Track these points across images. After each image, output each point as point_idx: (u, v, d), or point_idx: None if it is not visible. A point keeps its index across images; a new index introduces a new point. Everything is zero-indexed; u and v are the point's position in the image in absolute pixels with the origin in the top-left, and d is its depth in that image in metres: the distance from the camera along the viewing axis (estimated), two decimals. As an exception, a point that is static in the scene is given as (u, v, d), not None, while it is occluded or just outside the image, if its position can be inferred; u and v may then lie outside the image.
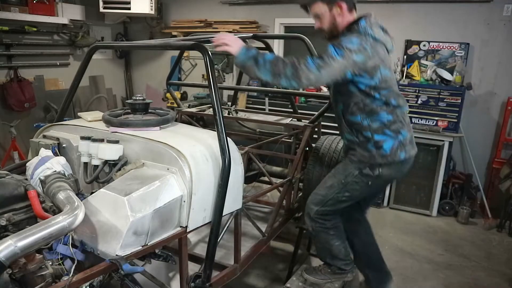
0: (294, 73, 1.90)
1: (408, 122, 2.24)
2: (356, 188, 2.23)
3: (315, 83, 1.98)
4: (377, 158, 2.14)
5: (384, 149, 2.12)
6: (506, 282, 3.35)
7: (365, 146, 2.16)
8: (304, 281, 2.51)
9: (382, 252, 3.73)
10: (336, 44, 1.96)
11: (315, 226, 2.36)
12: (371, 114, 2.11)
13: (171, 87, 3.93)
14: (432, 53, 4.77)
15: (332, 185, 2.28)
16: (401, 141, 2.15)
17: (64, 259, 1.56)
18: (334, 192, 2.26)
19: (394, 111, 2.13)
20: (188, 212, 1.85)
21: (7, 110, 4.84)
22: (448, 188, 4.67)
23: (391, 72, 2.18)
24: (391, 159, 2.13)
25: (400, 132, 2.15)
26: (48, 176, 1.72)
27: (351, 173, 2.21)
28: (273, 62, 1.92)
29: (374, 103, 2.10)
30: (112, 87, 6.57)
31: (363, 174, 2.18)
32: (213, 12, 5.92)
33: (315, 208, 2.32)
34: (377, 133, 2.12)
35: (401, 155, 2.14)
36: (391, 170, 2.19)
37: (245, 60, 1.95)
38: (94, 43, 3.14)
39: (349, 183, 2.22)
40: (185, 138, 2.07)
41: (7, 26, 4.71)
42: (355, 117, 2.14)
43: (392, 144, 2.13)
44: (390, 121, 2.12)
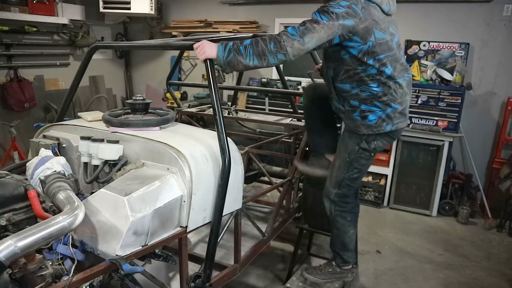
0: (277, 46, 1.85)
1: (402, 93, 2.14)
2: (363, 163, 2.26)
3: (301, 50, 1.89)
4: (362, 128, 2.15)
5: (369, 119, 2.12)
6: (506, 282, 3.35)
7: (351, 116, 2.16)
8: (304, 281, 2.51)
9: (382, 252, 3.74)
10: (321, 9, 1.92)
11: (334, 209, 2.38)
12: (361, 83, 2.08)
13: (171, 87, 3.93)
14: (432, 53, 4.77)
15: (340, 166, 2.30)
16: (389, 114, 2.12)
17: (64, 259, 1.56)
18: (344, 172, 2.28)
19: (387, 83, 2.08)
20: (188, 212, 1.85)
21: (7, 110, 4.84)
22: (448, 188, 4.67)
23: (390, 35, 2.08)
24: (376, 130, 2.14)
25: (390, 105, 2.11)
26: (48, 176, 1.72)
27: (352, 150, 2.23)
28: (253, 44, 1.87)
29: (366, 72, 2.04)
30: (112, 87, 6.57)
31: (362, 148, 2.21)
32: (213, 12, 5.92)
33: (334, 190, 2.34)
34: (365, 103, 2.11)
35: (387, 127, 2.14)
36: (384, 140, 2.22)
37: (226, 56, 1.88)
38: (94, 43, 3.14)
39: (354, 159, 2.24)
40: (185, 138, 2.07)
41: (7, 26, 4.71)
42: (345, 85, 2.12)
43: (378, 116, 2.11)
44: (380, 93, 2.08)
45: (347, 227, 2.43)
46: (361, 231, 3.92)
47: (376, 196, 4.78)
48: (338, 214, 2.40)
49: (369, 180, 4.88)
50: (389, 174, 4.75)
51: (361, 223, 4.15)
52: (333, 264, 2.55)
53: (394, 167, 4.71)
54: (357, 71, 2.06)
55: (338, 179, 2.31)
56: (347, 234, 2.44)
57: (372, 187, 4.82)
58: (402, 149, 4.63)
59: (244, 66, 1.91)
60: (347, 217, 2.41)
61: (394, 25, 2.16)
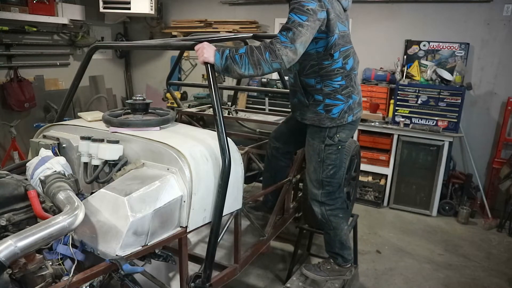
0: (272, 55, 1.86)
1: (358, 84, 2.32)
2: (333, 157, 2.34)
3: (294, 58, 1.92)
4: (326, 121, 2.24)
5: (332, 112, 2.22)
6: (506, 282, 3.35)
7: (315, 109, 2.25)
8: (304, 281, 2.51)
9: (382, 252, 3.74)
10: (296, 8, 1.92)
11: (325, 210, 2.43)
12: (326, 78, 2.16)
13: (171, 87, 3.93)
14: (432, 53, 4.77)
15: (315, 168, 2.37)
16: (350, 105, 2.25)
17: (64, 259, 1.56)
18: (320, 172, 2.35)
19: (349, 75, 2.20)
20: (188, 212, 1.85)
21: (7, 110, 4.83)
22: (448, 188, 4.67)
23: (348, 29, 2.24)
24: (339, 122, 2.24)
25: (351, 96, 2.24)
26: (48, 176, 1.72)
27: (319, 149, 2.32)
28: (248, 53, 1.87)
29: (332, 65, 2.13)
30: (112, 87, 6.57)
31: (327, 145, 2.30)
32: (213, 12, 5.92)
33: (319, 191, 2.39)
34: (329, 97, 2.21)
35: (349, 118, 2.26)
36: (346, 131, 2.31)
37: (224, 63, 1.89)
38: (94, 43, 3.13)
39: (324, 157, 2.32)
40: (185, 138, 2.07)
41: (7, 26, 4.70)
42: (310, 80, 2.21)
43: (341, 109, 2.22)
44: (343, 86, 2.19)
45: (341, 224, 2.48)
46: (361, 231, 3.93)
47: (376, 196, 4.78)
48: (330, 214, 2.44)
49: (369, 180, 4.89)
50: (389, 174, 4.75)
51: (361, 223, 4.16)
52: (331, 262, 2.57)
53: (394, 167, 4.71)
54: (323, 65, 2.14)
55: (318, 180, 2.38)
56: (343, 231, 2.49)
57: (372, 187, 4.82)
58: (402, 149, 4.63)
59: (239, 75, 1.93)
60: (339, 214, 2.46)
61: (347, 21, 2.29)
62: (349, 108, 2.24)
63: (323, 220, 2.48)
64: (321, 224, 2.56)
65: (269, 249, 3.37)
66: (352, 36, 5.49)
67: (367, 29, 5.11)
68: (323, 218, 2.46)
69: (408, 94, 4.55)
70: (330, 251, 2.59)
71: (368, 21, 5.08)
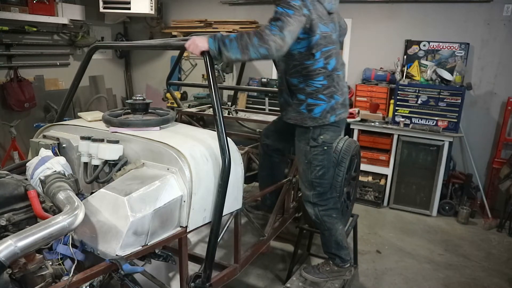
0: (260, 40, 1.88)
1: (342, 86, 2.32)
2: (320, 159, 2.35)
3: (283, 45, 1.92)
4: (308, 121, 2.27)
5: (314, 112, 2.24)
6: (506, 282, 3.35)
7: (298, 109, 2.28)
8: (304, 281, 2.51)
9: (382, 252, 3.74)
10: (283, 3, 1.97)
11: (318, 210, 2.45)
12: (308, 77, 2.20)
13: (171, 87, 3.93)
14: (432, 53, 4.77)
15: (304, 170, 2.40)
16: (333, 105, 2.26)
17: (64, 259, 1.56)
18: (309, 173, 2.38)
19: (331, 76, 2.22)
20: (188, 212, 1.85)
21: (7, 110, 4.83)
22: (448, 188, 4.67)
23: (332, 31, 2.23)
24: (321, 122, 2.26)
25: (333, 96, 2.26)
26: (48, 176, 1.72)
27: (306, 151, 2.35)
28: (238, 38, 1.89)
29: (313, 65, 2.17)
30: (112, 87, 6.57)
31: (313, 146, 2.32)
32: (213, 12, 5.92)
33: (310, 193, 2.42)
34: (311, 97, 2.24)
35: (331, 118, 2.27)
36: (330, 132, 2.32)
37: (217, 46, 1.89)
38: (94, 43, 3.14)
39: (311, 159, 2.34)
40: (185, 138, 2.07)
41: (7, 26, 4.70)
42: (293, 79, 2.25)
43: (323, 109, 2.24)
44: (325, 86, 2.22)
45: (336, 224, 2.49)
46: (361, 231, 3.93)
47: (376, 196, 4.78)
48: (323, 214, 2.46)
49: (369, 180, 4.89)
50: (389, 174, 4.75)
51: (361, 223, 4.16)
52: (330, 263, 2.57)
53: (394, 167, 4.71)
54: (305, 65, 2.18)
55: (308, 182, 2.40)
56: (338, 231, 2.50)
57: (372, 187, 4.82)
58: (402, 149, 4.63)
59: (227, 58, 1.92)
60: (332, 214, 2.47)
61: (334, 23, 2.28)
62: (332, 108, 2.26)
63: (317, 221, 2.50)
64: (316, 225, 2.58)
65: (269, 249, 3.38)
66: (352, 36, 5.53)
67: (367, 29, 5.11)
68: (317, 218, 2.48)
69: (408, 94, 4.55)
70: (327, 252, 2.60)
71: (368, 21, 5.09)
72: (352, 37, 5.24)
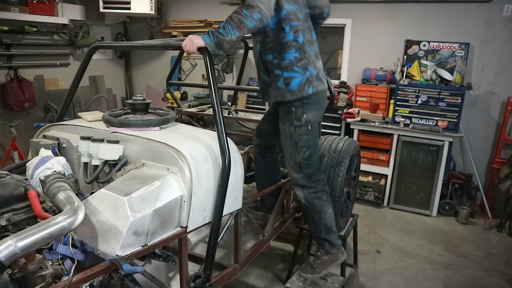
0: (249, 8, 1.96)
1: (314, 60, 2.39)
2: (305, 139, 2.39)
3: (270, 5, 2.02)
4: (287, 95, 2.32)
5: (292, 85, 2.30)
6: (506, 282, 3.35)
7: (276, 85, 2.34)
8: (304, 281, 2.51)
9: (382, 252, 3.74)
10: None
11: (308, 193, 2.48)
12: (282, 51, 2.27)
13: (171, 87, 3.93)
14: (432, 53, 4.77)
15: (291, 153, 2.43)
16: (308, 77, 2.32)
17: (64, 259, 1.56)
18: (297, 155, 2.41)
19: (302, 48, 2.30)
20: (188, 212, 1.85)
21: (7, 110, 4.83)
22: (448, 188, 4.67)
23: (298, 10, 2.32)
24: (300, 94, 2.31)
25: (307, 68, 2.32)
26: (48, 176, 1.72)
27: (290, 133, 2.38)
28: (229, 21, 1.97)
29: (285, 39, 2.25)
30: (112, 87, 6.57)
31: (297, 127, 2.36)
32: (213, 12, 5.92)
33: (299, 175, 2.44)
34: (286, 70, 2.30)
35: (309, 90, 2.32)
36: (312, 111, 2.37)
37: (213, 39, 1.94)
38: (94, 43, 3.14)
39: (297, 140, 2.38)
40: (185, 138, 2.07)
41: (7, 26, 4.70)
42: (268, 56, 2.32)
43: (299, 81, 2.30)
44: (298, 58, 2.29)
45: (326, 207, 2.51)
46: (361, 231, 3.93)
47: (376, 196, 4.78)
48: (313, 197, 2.48)
49: (369, 180, 4.89)
50: (389, 174, 4.75)
51: (361, 223, 4.16)
52: (319, 254, 2.59)
53: (394, 167, 4.71)
54: (278, 40, 2.26)
55: (296, 164, 2.43)
56: (328, 214, 2.52)
57: (372, 187, 4.82)
58: (402, 149, 4.63)
59: (229, 43, 1.97)
60: (322, 196, 2.50)
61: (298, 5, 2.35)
62: (308, 80, 2.32)
63: (307, 204, 2.51)
64: (305, 210, 2.59)
65: (269, 249, 3.38)
66: (352, 36, 5.52)
67: (367, 29, 5.11)
68: (307, 202, 2.50)
69: (408, 94, 4.55)
70: (317, 237, 2.62)
71: (368, 21, 5.09)
72: (352, 37, 5.24)
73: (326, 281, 2.52)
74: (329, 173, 2.85)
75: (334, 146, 2.96)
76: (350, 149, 2.95)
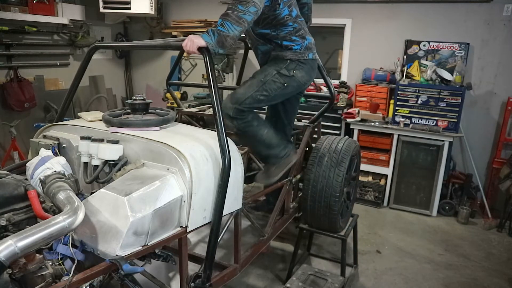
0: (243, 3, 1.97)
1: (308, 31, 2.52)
2: (274, 88, 2.41)
3: None
4: (288, 54, 2.39)
5: (294, 48, 2.40)
6: (506, 282, 3.35)
7: (278, 49, 2.42)
8: (304, 281, 2.51)
9: (382, 252, 3.75)
10: None
11: (237, 124, 2.45)
12: (279, 25, 2.34)
13: (171, 87, 3.93)
14: (432, 53, 4.77)
15: (251, 84, 2.42)
16: (307, 45, 2.43)
17: (64, 259, 1.56)
18: (252, 91, 2.39)
19: (297, 20, 2.40)
20: (188, 212, 1.85)
21: (7, 110, 4.83)
22: (448, 188, 4.67)
23: None
24: (301, 56, 2.40)
25: (305, 37, 2.43)
26: (48, 176, 1.72)
27: (269, 73, 2.41)
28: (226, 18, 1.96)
29: (281, 14, 2.30)
30: (112, 87, 6.57)
31: (280, 74, 2.40)
32: (213, 12, 5.91)
33: (233, 106, 2.39)
34: (285, 39, 2.38)
35: (309, 55, 2.44)
36: (303, 72, 2.43)
37: (213, 38, 1.94)
38: (94, 43, 3.13)
39: (267, 82, 2.40)
40: (185, 138, 2.07)
41: (7, 26, 4.70)
42: (265, 30, 2.38)
43: (300, 46, 2.40)
44: (296, 29, 2.38)
45: (259, 130, 2.50)
46: (361, 231, 3.93)
47: (376, 196, 4.78)
48: (244, 126, 2.45)
49: (369, 180, 4.89)
50: (389, 174, 4.75)
51: (361, 223, 4.17)
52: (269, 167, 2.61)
53: (394, 167, 4.71)
54: (273, 15, 2.30)
55: (243, 96, 2.38)
56: (263, 136, 2.50)
57: (372, 187, 4.82)
58: (402, 149, 4.63)
59: (232, 39, 1.98)
60: (253, 123, 2.47)
61: None
62: (307, 47, 2.42)
63: (240, 133, 2.52)
64: (241, 137, 2.62)
65: (269, 249, 3.38)
66: (352, 36, 5.52)
67: (367, 29, 5.11)
68: (239, 130, 2.49)
69: (408, 94, 4.56)
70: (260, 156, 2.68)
71: (368, 21, 5.09)
72: (352, 37, 5.24)
73: (326, 281, 2.51)
74: (329, 173, 2.85)
75: (334, 146, 2.96)
76: (350, 149, 2.95)
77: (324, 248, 3.74)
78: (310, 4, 2.73)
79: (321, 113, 3.18)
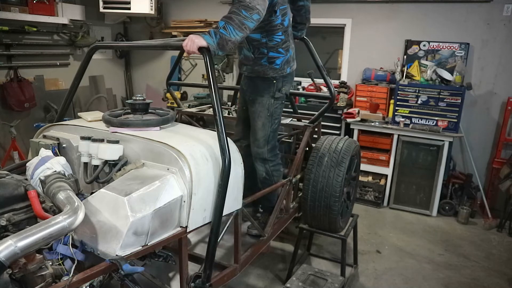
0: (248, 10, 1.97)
1: (292, 41, 2.58)
2: (278, 112, 2.60)
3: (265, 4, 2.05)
4: (269, 72, 2.48)
5: (276, 63, 2.47)
6: (506, 282, 3.35)
7: (259, 62, 2.48)
8: (304, 281, 2.51)
9: (382, 252, 3.75)
10: None
11: (269, 167, 2.62)
12: (270, 32, 2.39)
13: (171, 87, 3.93)
14: (432, 53, 4.76)
15: (264, 124, 2.55)
16: (288, 58, 2.51)
17: (64, 259, 1.56)
18: (269, 127, 2.56)
19: (286, 31, 2.46)
20: (188, 212, 1.85)
21: (7, 110, 4.84)
22: (448, 188, 4.67)
23: None
24: (281, 72, 2.50)
25: (288, 50, 2.50)
26: (48, 176, 1.72)
27: (269, 104, 2.53)
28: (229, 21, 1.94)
29: (275, 22, 2.35)
30: (112, 87, 6.57)
31: (276, 98, 2.53)
32: (213, 12, 5.91)
33: (265, 148, 2.57)
34: (272, 50, 2.44)
35: (287, 70, 2.54)
36: (288, 85, 2.58)
37: (215, 40, 1.92)
38: (94, 43, 3.13)
39: (273, 112, 2.55)
40: (185, 138, 2.07)
41: (7, 26, 4.70)
42: (256, 35, 2.40)
43: (281, 60, 2.48)
44: (283, 40, 2.45)
45: (280, 178, 2.70)
46: (361, 231, 3.93)
47: (376, 196, 4.78)
48: (273, 170, 2.63)
49: (369, 180, 4.89)
50: (389, 174, 4.75)
51: (361, 223, 4.16)
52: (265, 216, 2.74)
53: (394, 167, 4.71)
54: (268, 21, 2.32)
55: (266, 136, 2.55)
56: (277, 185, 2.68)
57: (372, 187, 4.82)
58: (402, 149, 4.63)
59: (233, 43, 1.99)
60: (280, 168, 2.66)
61: None
62: (287, 61, 2.50)
63: (267, 177, 2.63)
64: (263, 183, 2.67)
65: (269, 249, 3.37)
66: (352, 36, 5.52)
67: (367, 29, 5.11)
68: (267, 175, 2.62)
69: (408, 94, 4.56)
70: (269, 206, 2.74)
71: (368, 21, 5.09)
72: (352, 37, 5.24)
73: (326, 281, 2.51)
74: (329, 173, 2.85)
75: (334, 146, 2.96)
76: (350, 149, 2.95)
77: (324, 248, 3.74)
78: (307, 6, 2.74)
79: (321, 113, 3.18)
